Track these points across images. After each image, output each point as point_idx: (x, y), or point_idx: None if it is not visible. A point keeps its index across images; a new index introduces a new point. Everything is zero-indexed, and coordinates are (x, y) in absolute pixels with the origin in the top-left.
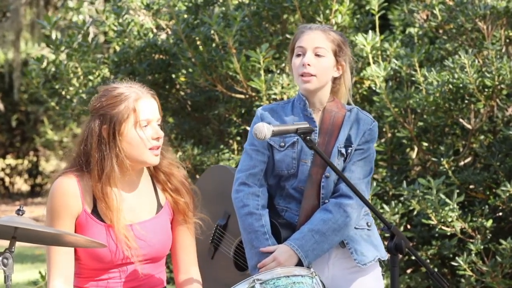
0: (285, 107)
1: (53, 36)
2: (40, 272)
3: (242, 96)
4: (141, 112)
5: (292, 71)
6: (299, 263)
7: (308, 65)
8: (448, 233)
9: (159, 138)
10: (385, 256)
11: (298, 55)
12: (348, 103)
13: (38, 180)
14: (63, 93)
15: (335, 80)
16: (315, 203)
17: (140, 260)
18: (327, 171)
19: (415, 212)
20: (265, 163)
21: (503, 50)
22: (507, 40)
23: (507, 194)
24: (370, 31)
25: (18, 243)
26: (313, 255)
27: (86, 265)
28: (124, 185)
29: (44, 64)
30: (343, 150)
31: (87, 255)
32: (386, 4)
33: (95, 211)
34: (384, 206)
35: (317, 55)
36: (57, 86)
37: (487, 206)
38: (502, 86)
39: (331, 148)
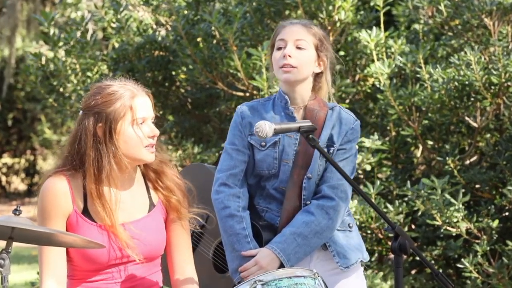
0: (266, 105)
1: (51, 32)
2: (38, 273)
3: (243, 94)
4: (138, 110)
5: (272, 66)
6: (281, 267)
7: (289, 56)
8: (453, 234)
9: (154, 136)
10: (367, 257)
11: (279, 49)
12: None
13: (36, 179)
14: (61, 90)
15: (316, 77)
16: (297, 204)
17: (131, 261)
18: (309, 171)
19: (419, 212)
20: (246, 162)
21: (510, 46)
22: None
23: None
24: (374, 28)
25: (15, 244)
26: (295, 258)
27: (79, 267)
28: (119, 184)
29: (43, 61)
30: (325, 150)
31: (80, 256)
32: (390, 0)
33: (85, 211)
34: (388, 205)
35: (298, 47)
36: (55, 83)
37: (493, 206)
38: (509, 83)
39: (312, 149)
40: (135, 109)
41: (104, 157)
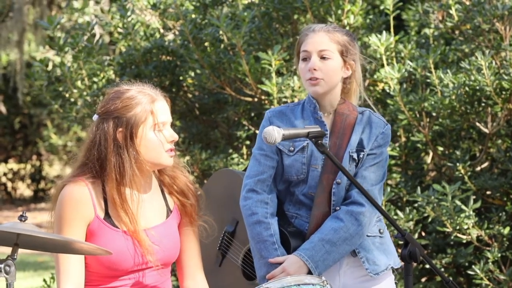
0: (295, 110)
1: (57, 37)
2: (44, 280)
3: (252, 99)
4: (159, 114)
5: (299, 75)
6: (309, 274)
7: (314, 69)
8: (464, 241)
9: (174, 141)
10: (398, 264)
11: (304, 59)
12: (364, 103)
13: (41, 185)
14: (67, 95)
15: (345, 80)
16: (326, 210)
17: (150, 267)
18: (338, 177)
19: (429, 219)
20: (274, 168)
21: None
22: None
23: None
24: (384, 32)
25: (20, 250)
26: (324, 265)
27: (96, 273)
28: (141, 189)
29: (50, 67)
30: (355, 155)
31: (97, 261)
32: (400, 4)
33: (107, 218)
34: (398, 212)
35: (322, 58)
36: (60, 89)
37: (504, 213)
38: None
39: (342, 153)
40: (156, 113)
41: (126, 162)
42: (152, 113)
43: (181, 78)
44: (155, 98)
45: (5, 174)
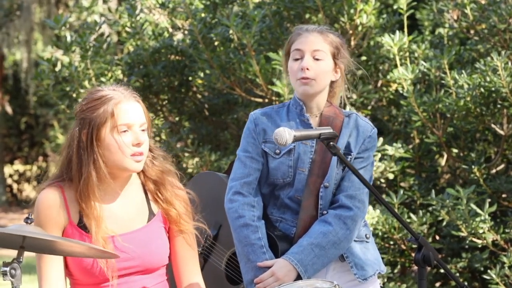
0: (280, 112)
1: (64, 37)
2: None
3: (262, 100)
4: (120, 117)
5: (287, 74)
6: (298, 278)
7: (307, 69)
8: (479, 245)
9: (140, 144)
10: (384, 269)
11: (296, 59)
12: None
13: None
14: (74, 95)
15: (332, 83)
16: (313, 214)
17: (133, 272)
18: (325, 180)
19: (444, 223)
20: (260, 171)
21: None
22: None
23: None
24: (397, 32)
25: (26, 253)
26: (312, 269)
27: (79, 281)
28: (108, 194)
29: (58, 67)
30: None
31: (79, 269)
32: (414, 3)
33: (81, 223)
34: (412, 215)
35: (315, 58)
36: (67, 89)
37: None
38: None
39: (329, 157)
40: (117, 115)
41: (84, 165)
42: (112, 115)
43: (190, 78)
44: (120, 100)
45: (10, 176)
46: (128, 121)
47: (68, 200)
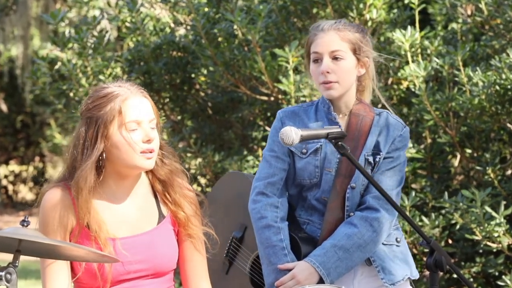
0: (308, 110)
1: (61, 33)
2: None
3: (268, 98)
4: (128, 113)
5: (310, 76)
6: (320, 282)
7: (328, 72)
8: (494, 250)
9: (150, 141)
10: (416, 275)
11: (315, 61)
12: (374, 103)
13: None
14: (71, 94)
15: (359, 78)
16: (339, 216)
17: (142, 276)
18: (352, 181)
19: (457, 226)
20: (286, 171)
21: None
22: None
23: None
24: (409, 27)
25: (22, 257)
26: (336, 273)
27: (87, 284)
28: (116, 195)
29: (57, 65)
30: (371, 158)
31: (88, 273)
32: None
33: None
34: (423, 218)
35: (335, 58)
36: (64, 87)
37: None
38: None
39: (357, 156)
40: (124, 112)
41: (91, 164)
42: (120, 112)
43: (193, 75)
44: (127, 96)
45: (6, 177)
46: (137, 117)
47: (76, 201)
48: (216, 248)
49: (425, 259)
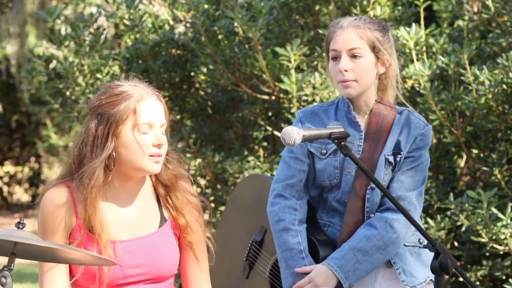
0: (328, 110)
1: (58, 30)
2: None
3: (269, 97)
4: (142, 115)
5: (330, 75)
6: (339, 286)
7: (345, 70)
8: (501, 252)
9: (160, 145)
10: None
11: (334, 59)
12: (399, 102)
13: (40, 189)
14: (68, 93)
15: (380, 76)
16: (359, 218)
17: (141, 280)
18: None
19: (463, 228)
20: (305, 172)
21: None
22: None
23: None
24: (413, 24)
25: (17, 260)
26: (355, 276)
27: (84, 286)
28: (119, 196)
29: (53, 63)
30: (391, 158)
31: (87, 274)
32: None
33: (90, 225)
34: (429, 220)
35: (353, 56)
36: (61, 86)
37: None
38: None
39: (377, 156)
40: (139, 113)
41: (98, 163)
42: (134, 112)
43: (192, 74)
44: (143, 97)
45: (1, 178)
46: (150, 120)
47: (77, 200)
48: (212, 261)
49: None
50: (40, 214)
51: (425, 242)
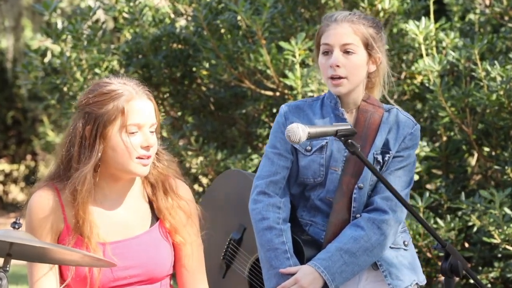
0: (313, 105)
1: (56, 24)
2: None
3: (273, 93)
4: (131, 116)
5: (319, 69)
6: (325, 287)
7: (337, 66)
8: None
9: (149, 147)
10: (423, 280)
11: (325, 53)
12: (386, 101)
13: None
14: (65, 89)
15: (369, 74)
16: (345, 217)
17: (135, 282)
18: (360, 181)
19: (474, 229)
20: (288, 169)
21: None
22: None
23: None
24: (423, 18)
25: (13, 261)
26: (341, 278)
27: None
28: (108, 197)
29: (48, 57)
30: (380, 157)
31: (77, 278)
32: None
33: (78, 228)
34: (438, 220)
35: (346, 52)
36: (58, 81)
37: None
38: None
39: (366, 155)
40: (127, 113)
41: (85, 164)
42: (123, 113)
43: (194, 69)
44: (132, 96)
45: None
46: (139, 121)
47: (64, 203)
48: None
49: (439, 263)
50: (28, 217)
51: (424, 243)
